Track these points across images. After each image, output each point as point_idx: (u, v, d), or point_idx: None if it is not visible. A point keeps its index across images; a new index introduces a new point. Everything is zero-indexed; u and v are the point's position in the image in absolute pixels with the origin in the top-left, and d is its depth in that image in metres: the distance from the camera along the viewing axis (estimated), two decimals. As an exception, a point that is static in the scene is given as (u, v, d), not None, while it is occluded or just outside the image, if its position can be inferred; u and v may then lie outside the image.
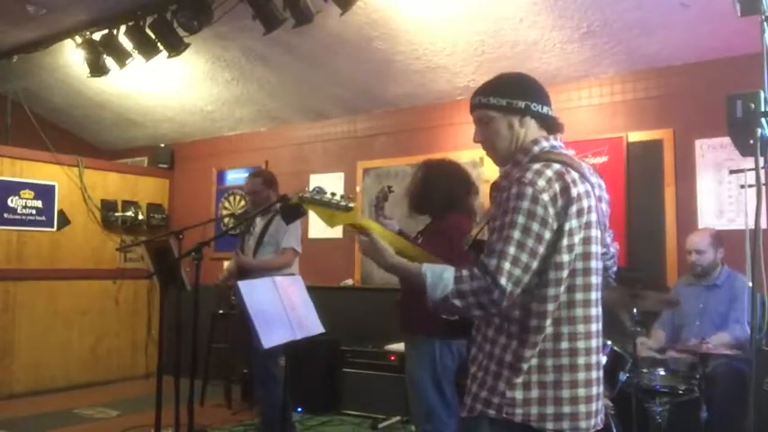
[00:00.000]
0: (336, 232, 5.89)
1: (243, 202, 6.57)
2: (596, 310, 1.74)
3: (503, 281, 1.60)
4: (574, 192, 1.67)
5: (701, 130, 4.29)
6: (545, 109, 1.83)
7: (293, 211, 3.57)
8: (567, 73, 4.73)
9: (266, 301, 3.10)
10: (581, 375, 1.69)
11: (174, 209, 7.25)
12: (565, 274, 1.67)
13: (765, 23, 2.15)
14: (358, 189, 5.88)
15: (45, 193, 6.19)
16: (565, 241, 1.66)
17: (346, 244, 5.78)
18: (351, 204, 1.90)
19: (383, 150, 5.79)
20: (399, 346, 4.65)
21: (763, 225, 2.10)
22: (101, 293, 6.62)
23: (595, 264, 1.73)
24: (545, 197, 1.64)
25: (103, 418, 5.25)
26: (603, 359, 3.31)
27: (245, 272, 4.08)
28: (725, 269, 3.79)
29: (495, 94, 1.82)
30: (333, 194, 1.91)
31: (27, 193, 6.05)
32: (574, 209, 1.66)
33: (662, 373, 3.40)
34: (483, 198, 5.05)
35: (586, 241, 1.70)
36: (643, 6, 3.92)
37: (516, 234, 1.62)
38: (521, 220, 1.63)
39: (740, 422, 3.23)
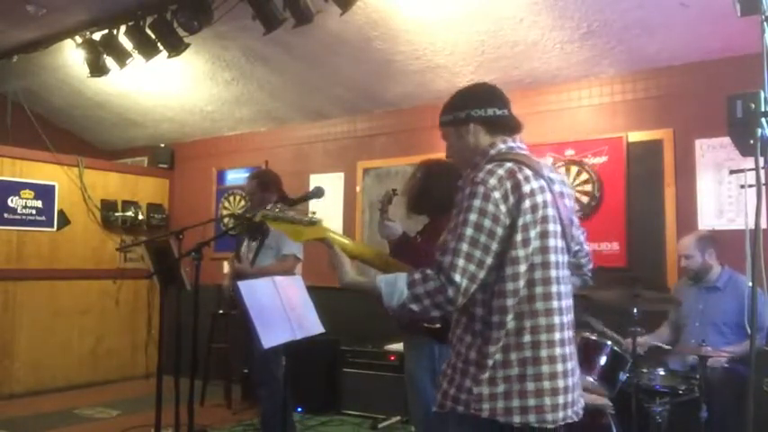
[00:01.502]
0: (337, 231, 5.86)
1: (243, 202, 6.57)
2: (558, 303, 1.77)
3: (457, 277, 1.65)
4: (526, 188, 1.73)
5: (701, 130, 4.28)
6: (490, 111, 1.91)
7: (256, 228, 3.59)
8: (567, 73, 4.73)
9: (266, 302, 3.09)
10: (545, 368, 1.72)
11: (174, 209, 7.26)
12: (522, 268, 1.71)
13: (765, 23, 2.15)
14: (358, 189, 5.88)
15: (45, 193, 6.19)
16: (519, 236, 1.71)
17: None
18: (315, 218, 1.97)
19: (383, 150, 5.79)
20: (399, 346, 4.64)
21: (763, 225, 2.10)
22: (101, 293, 6.62)
23: (554, 257, 1.77)
24: (496, 195, 1.70)
25: (103, 418, 5.25)
26: (571, 350, 3.32)
27: (244, 276, 4.08)
28: (725, 270, 3.77)
29: (444, 111, 1.99)
30: (296, 210, 1.99)
31: (27, 193, 6.05)
32: (527, 204, 1.72)
33: (662, 373, 3.40)
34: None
35: (543, 235, 1.75)
36: (643, 6, 3.92)
37: (469, 231, 1.69)
38: (473, 217, 1.69)
39: (739, 422, 3.23)
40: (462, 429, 1.77)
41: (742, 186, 3.94)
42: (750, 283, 2.32)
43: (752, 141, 2.02)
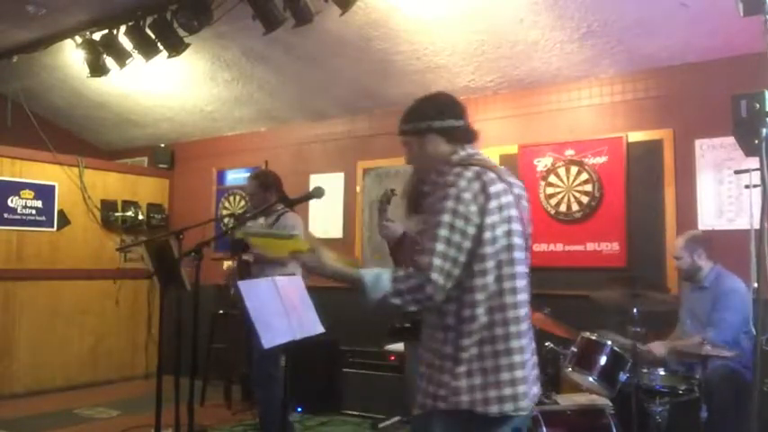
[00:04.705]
0: (337, 231, 5.89)
1: (243, 202, 6.57)
2: (521, 297, 1.88)
3: (434, 276, 1.76)
4: (492, 189, 1.85)
5: (701, 130, 4.29)
6: (449, 122, 2.02)
7: (237, 244, 3.80)
8: (567, 73, 4.73)
9: (267, 302, 3.09)
10: (517, 358, 1.82)
11: (174, 209, 7.25)
12: (490, 264, 1.82)
13: None
14: (358, 189, 5.88)
15: (45, 193, 6.18)
16: (488, 234, 1.81)
17: (347, 244, 5.78)
18: (294, 232, 2.04)
19: (383, 150, 5.78)
20: (399, 346, 4.64)
21: (766, 225, 2.10)
22: (101, 293, 6.61)
23: (518, 254, 1.89)
24: (467, 195, 1.82)
25: (103, 418, 5.25)
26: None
27: (245, 272, 4.07)
28: (713, 270, 3.74)
29: (406, 121, 2.08)
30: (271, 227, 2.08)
31: (27, 193, 6.05)
32: (493, 204, 1.83)
33: (662, 373, 3.40)
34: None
35: (509, 234, 1.86)
36: (643, 6, 3.92)
37: (443, 232, 1.79)
38: (446, 218, 1.80)
39: (738, 422, 3.23)
40: (445, 424, 1.83)
41: (746, 186, 3.93)
42: (756, 284, 2.32)
43: (756, 141, 2.02)
